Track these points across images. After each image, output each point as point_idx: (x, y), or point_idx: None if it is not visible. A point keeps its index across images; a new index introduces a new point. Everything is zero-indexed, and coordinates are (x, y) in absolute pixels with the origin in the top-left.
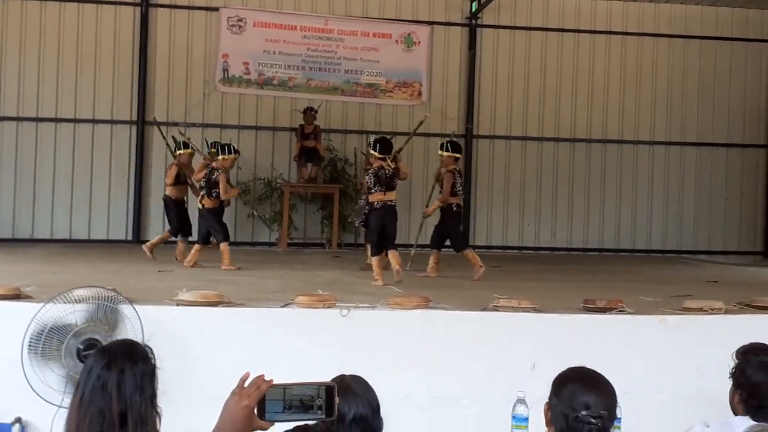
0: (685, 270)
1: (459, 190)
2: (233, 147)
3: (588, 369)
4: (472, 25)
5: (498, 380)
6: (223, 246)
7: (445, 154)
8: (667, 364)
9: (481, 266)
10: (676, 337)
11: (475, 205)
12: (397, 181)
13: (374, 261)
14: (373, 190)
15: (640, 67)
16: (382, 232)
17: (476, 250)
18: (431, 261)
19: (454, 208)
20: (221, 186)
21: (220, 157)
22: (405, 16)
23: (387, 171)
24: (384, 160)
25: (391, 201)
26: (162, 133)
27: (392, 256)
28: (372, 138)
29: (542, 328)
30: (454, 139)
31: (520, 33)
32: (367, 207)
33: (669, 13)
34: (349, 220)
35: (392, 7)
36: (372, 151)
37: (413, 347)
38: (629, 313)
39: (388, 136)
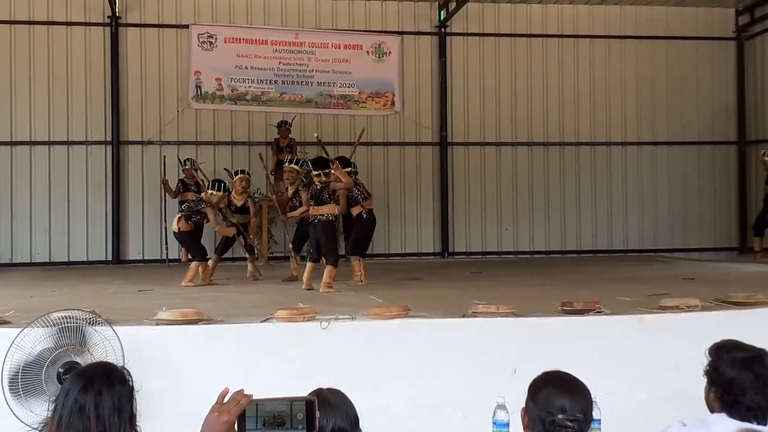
0: (662, 268)
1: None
2: (224, 184)
3: (562, 372)
4: (442, 33)
5: (479, 386)
6: (194, 264)
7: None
8: (647, 364)
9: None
10: (654, 337)
11: (452, 212)
12: (328, 195)
13: (308, 266)
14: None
15: (608, 68)
16: (316, 244)
17: (456, 256)
18: (359, 268)
19: (364, 215)
20: (211, 219)
21: (208, 191)
22: (375, 26)
23: (316, 186)
24: (318, 176)
25: (322, 215)
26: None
27: (327, 270)
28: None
29: (521, 332)
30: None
31: (489, 40)
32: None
33: (635, 15)
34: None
35: (362, 18)
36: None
37: (394, 357)
38: (607, 314)
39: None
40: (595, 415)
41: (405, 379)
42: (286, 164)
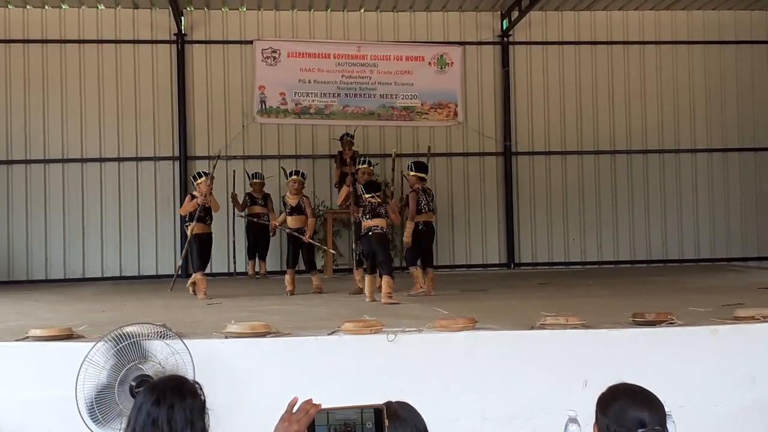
0: (736, 278)
1: (424, 209)
2: (202, 171)
3: (632, 385)
4: (504, 42)
5: (550, 399)
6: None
7: (411, 173)
8: (721, 375)
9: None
10: (728, 348)
11: (518, 222)
12: (384, 210)
13: (367, 279)
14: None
15: (676, 75)
16: (372, 256)
17: (522, 267)
18: (424, 278)
19: (420, 227)
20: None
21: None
22: (437, 37)
23: (374, 204)
24: (372, 197)
25: (377, 226)
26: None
27: (384, 281)
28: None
29: (591, 344)
30: (421, 159)
31: (553, 48)
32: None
33: (702, 19)
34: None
35: (423, 29)
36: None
37: (462, 369)
38: (679, 325)
39: (424, 159)
40: (670, 428)
41: (473, 392)
42: (363, 166)
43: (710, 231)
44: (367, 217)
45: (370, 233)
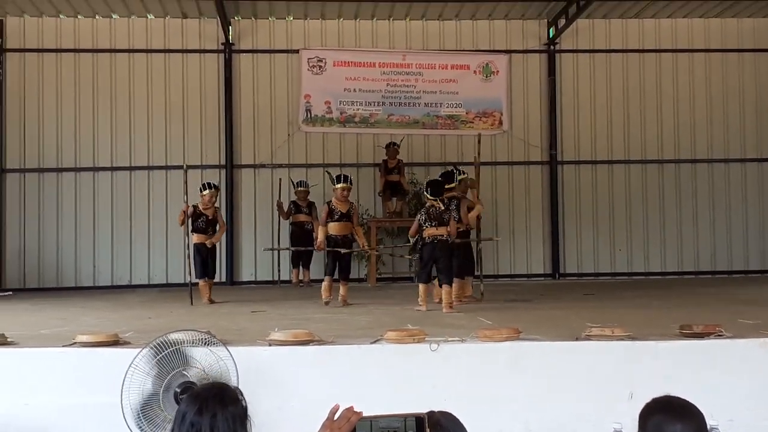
0: None
1: (426, 224)
2: (206, 183)
3: (671, 397)
4: (551, 51)
5: (595, 411)
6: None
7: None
8: None
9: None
10: None
11: (563, 232)
12: (448, 216)
13: (444, 289)
14: (425, 226)
15: (725, 83)
16: (435, 264)
17: (567, 278)
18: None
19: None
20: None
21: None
22: (482, 46)
23: (437, 208)
24: (435, 200)
25: (441, 235)
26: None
27: (444, 291)
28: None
29: (637, 356)
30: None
31: (600, 56)
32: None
33: (752, 26)
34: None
35: (469, 38)
36: (425, 194)
37: (505, 380)
38: (728, 338)
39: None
40: None
41: (517, 403)
42: (340, 185)
43: (761, 242)
44: (431, 224)
45: (435, 241)
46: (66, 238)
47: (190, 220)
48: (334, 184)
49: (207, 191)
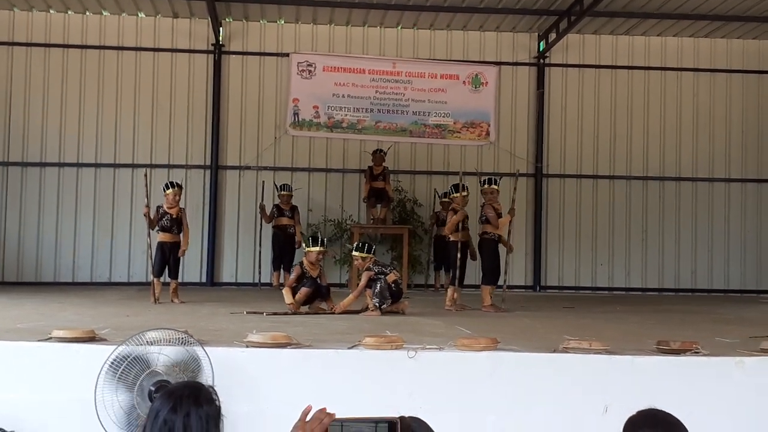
0: (765, 310)
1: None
2: (170, 182)
3: (657, 411)
4: (540, 64)
5: (569, 424)
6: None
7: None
8: (746, 408)
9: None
10: (754, 380)
11: (546, 245)
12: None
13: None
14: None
15: (713, 103)
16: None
17: (548, 290)
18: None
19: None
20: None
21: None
22: (472, 56)
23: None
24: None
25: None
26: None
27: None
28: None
29: (614, 370)
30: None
31: (589, 71)
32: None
33: (741, 48)
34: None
35: (459, 48)
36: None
37: (482, 389)
38: (705, 355)
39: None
40: None
41: (492, 413)
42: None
43: (741, 262)
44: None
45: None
46: (47, 233)
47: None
48: (308, 246)
49: (170, 190)
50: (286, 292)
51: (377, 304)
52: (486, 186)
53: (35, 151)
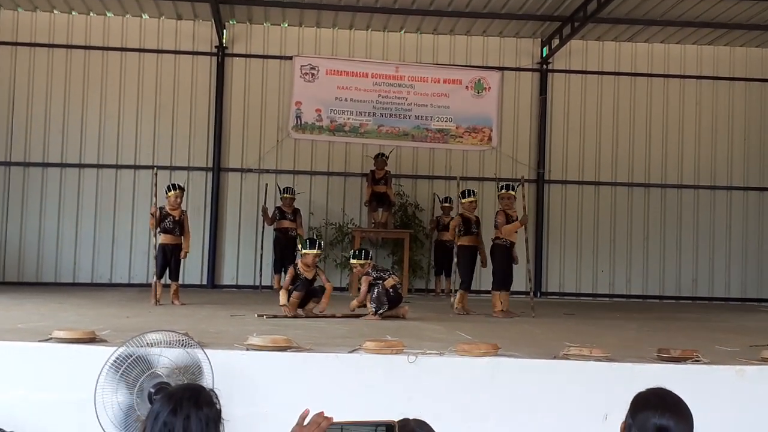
0: (766, 318)
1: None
2: (172, 184)
3: (666, 392)
4: (543, 70)
5: (569, 431)
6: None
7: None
8: (746, 417)
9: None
10: (754, 389)
11: (547, 252)
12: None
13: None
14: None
15: (715, 110)
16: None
17: (548, 296)
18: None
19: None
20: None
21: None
22: (475, 62)
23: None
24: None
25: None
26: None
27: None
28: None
29: (614, 377)
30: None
31: (592, 77)
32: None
33: (745, 56)
34: None
35: (462, 53)
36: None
37: (481, 395)
38: (705, 363)
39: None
40: None
41: (492, 419)
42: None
43: (742, 270)
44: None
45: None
46: (48, 233)
47: (156, 221)
48: (305, 249)
49: (172, 192)
50: (282, 294)
51: (374, 310)
52: (503, 191)
53: (37, 152)
